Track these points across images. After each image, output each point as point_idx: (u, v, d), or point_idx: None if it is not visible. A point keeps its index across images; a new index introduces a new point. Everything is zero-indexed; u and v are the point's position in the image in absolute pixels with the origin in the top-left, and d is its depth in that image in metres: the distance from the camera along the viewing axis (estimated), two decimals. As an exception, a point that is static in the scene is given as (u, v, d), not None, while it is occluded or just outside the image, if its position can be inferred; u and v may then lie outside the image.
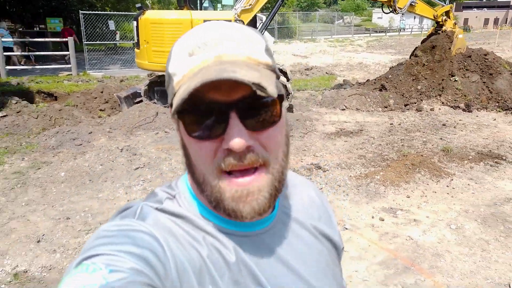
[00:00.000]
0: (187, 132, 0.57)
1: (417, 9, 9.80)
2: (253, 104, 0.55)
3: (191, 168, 0.61)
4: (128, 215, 0.62)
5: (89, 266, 0.50)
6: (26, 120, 6.81)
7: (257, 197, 0.57)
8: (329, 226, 0.79)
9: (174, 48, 0.61)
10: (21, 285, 3.03)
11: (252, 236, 0.65)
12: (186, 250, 0.59)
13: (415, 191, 4.71)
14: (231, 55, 0.56)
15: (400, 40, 29.29)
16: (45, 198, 4.40)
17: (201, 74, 0.53)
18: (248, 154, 0.56)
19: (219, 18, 7.54)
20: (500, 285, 3.06)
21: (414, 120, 7.82)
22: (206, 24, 0.60)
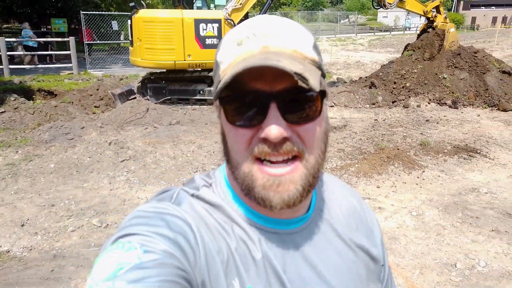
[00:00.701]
0: (227, 118, 0.58)
1: (406, 5, 9.94)
2: (294, 97, 0.56)
3: (227, 154, 0.62)
4: (165, 199, 0.64)
5: (125, 245, 0.52)
6: (23, 116, 7.13)
7: (289, 188, 0.57)
8: (368, 238, 0.76)
9: (224, 37, 0.62)
10: (3, 263, 3.31)
11: (282, 234, 0.65)
12: (216, 240, 0.60)
13: (386, 181, 4.91)
14: (277, 46, 0.57)
15: (403, 39, 29.25)
16: (33, 187, 4.68)
17: (245, 61, 0.54)
18: (284, 144, 0.56)
19: (208, 17, 7.80)
20: (447, 265, 3.26)
21: (399, 116, 8.00)
22: (259, 17, 0.61)
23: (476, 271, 3.18)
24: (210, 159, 5.51)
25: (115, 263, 0.50)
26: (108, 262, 0.50)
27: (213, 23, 7.65)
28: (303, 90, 0.54)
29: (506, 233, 3.71)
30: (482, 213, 4.11)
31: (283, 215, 0.65)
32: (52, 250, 3.48)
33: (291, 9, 41.13)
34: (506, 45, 19.77)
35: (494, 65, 9.47)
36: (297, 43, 0.58)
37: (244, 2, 8.08)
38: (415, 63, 9.67)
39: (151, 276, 0.49)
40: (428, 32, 10.12)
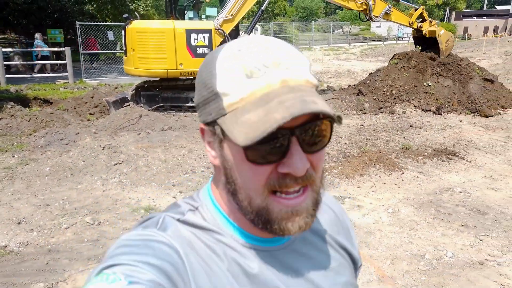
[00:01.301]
0: (247, 157, 0.56)
1: (392, 17, 10.32)
2: (313, 129, 0.56)
3: (235, 190, 0.60)
4: (150, 225, 0.62)
5: (109, 276, 0.50)
6: (19, 123, 7.35)
7: (305, 215, 0.58)
8: (348, 240, 0.79)
9: (219, 62, 0.58)
10: (0, 256, 3.51)
11: (274, 251, 0.66)
12: (206, 264, 0.60)
13: (367, 182, 5.16)
14: (294, 80, 0.56)
15: (395, 49, 29.79)
16: (29, 189, 4.89)
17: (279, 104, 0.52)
18: (304, 176, 0.57)
19: (199, 27, 8.10)
20: (416, 256, 3.50)
21: (384, 122, 8.29)
22: (253, 40, 0.59)
23: (443, 261, 3.42)
24: (200, 162, 5.74)
25: None
26: None
27: (204, 33, 7.96)
28: (318, 119, 0.55)
29: (474, 227, 3.97)
30: (454, 210, 4.36)
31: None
32: (47, 245, 3.68)
33: (285, 19, 41.75)
34: (494, 54, 20.27)
35: (477, 73, 9.83)
36: (305, 72, 0.58)
37: (235, 13, 8.40)
38: (401, 71, 10.01)
39: None
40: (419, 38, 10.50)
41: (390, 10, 10.16)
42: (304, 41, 34.73)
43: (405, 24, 10.63)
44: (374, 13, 9.93)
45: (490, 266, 3.33)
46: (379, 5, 10.05)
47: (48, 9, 23.23)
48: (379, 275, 3.24)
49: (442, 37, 10.28)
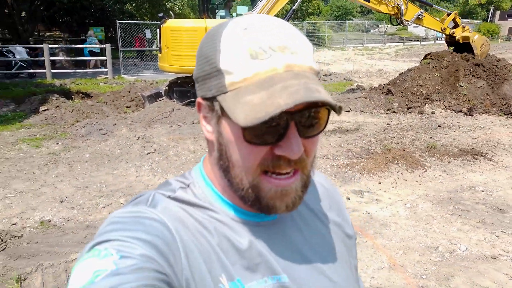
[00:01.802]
0: (244, 137, 0.57)
1: (424, 22, 10.18)
2: (311, 115, 0.57)
3: (228, 166, 0.61)
4: (141, 202, 0.63)
5: (101, 252, 0.51)
6: (63, 113, 7.94)
7: (293, 196, 0.60)
8: (340, 215, 0.80)
9: (224, 39, 0.58)
10: (45, 229, 3.93)
11: (265, 225, 0.67)
12: (196, 239, 0.60)
13: (388, 178, 5.26)
14: (299, 65, 0.56)
15: (431, 49, 29.04)
16: (71, 173, 5.35)
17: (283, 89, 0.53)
18: (297, 159, 0.58)
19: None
20: (430, 248, 3.61)
21: (412, 121, 8.26)
22: (259, 19, 0.59)
23: (456, 254, 3.51)
24: (227, 154, 6.03)
25: (92, 271, 0.49)
26: (85, 270, 0.50)
27: None
28: (317, 106, 0.56)
29: (491, 224, 4.01)
30: (473, 207, 4.40)
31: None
32: (85, 221, 4.08)
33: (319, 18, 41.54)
34: (537, 56, 19.38)
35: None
36: (309, 57, 0.59)
37: (266, 12, 8.63)
38: (433, 71, 9.89)
39: (129, 281, 0.49)
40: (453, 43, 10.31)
41: (422, 15, 10.04)
42: (338, 40, 34.46)
43: (437, 30, 10.46)
44: (406, 18, 9.83)
45: (502, 261, 3.39)
46: (411, 9, 9.94)
47: (90, 8, 24.40)
48: (391, 263, 3.38)
49: (476, 42, 10.03)
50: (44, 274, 3.14)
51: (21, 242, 3.65)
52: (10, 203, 4.39)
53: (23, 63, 13.92)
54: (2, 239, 3.63)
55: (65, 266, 3.24)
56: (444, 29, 10.26)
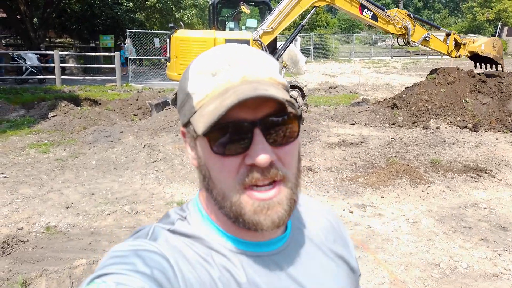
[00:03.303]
0: (212, 149, 0.58)
1: (431, 44, 10.25)
2: (276, 121, 0.58)
3: (210, 186, 0.62)
4: (141, 236, 0.64)
5: (100, 285, 0.51)
6: (71, 120, 8.06)
7: (277, 210, 0.59)
8: (346, 250, 0.79)
9: (191, 68, 0.62)
10: (51, 235, 3.99)
11: (265, 257, 0.66)
12: (196, 272, 0.60)
13: (391, 193, 5.27)
14: (255, 76, 0.59)
15: (438, 64, 29.11)
16: (78, 179, 5.43)
17: (232, 93, 0.55)
18: (271, 168, 0.58)
19: (238, 38, 8.53)
20: (431, 264, 3.61)
21: (417, 136, 8.28)
22: (224, 46, 0.63)
23: (457, 271, 3.52)
24: (231, 164, 6.08)
25: None
26: None
27: (242, 43, 8.36)
28: (282, 114, 0.58)
29: (493, 242, 4.01)
30: (476, 224, 4.40)
31: (264, 237, 0.66)
32: (90, 228, 4.14)
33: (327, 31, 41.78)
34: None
35: (520, 91, 9.56)
36: (269, 70, 0.61)
37: (275, 27, 8.76)
38: (438, 87, 9.93)
39: None
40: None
41: (429, 37, 10.11)
42: (345, 53, 34.61)
43: (443, 52, 10.54)
44: (413, 39, 9.90)
45: (504, 279, 3.39)
46: (419, 31, 10.01)
47: (101, 16, 24.78)
48: (392, 279, 3.39)
49: (486, 49, 10.04)
50: (48, 279, 3.19)
51: (27, 247, 3.71)
52: (17, 207, 4.46)
53: (34, 69, 14.16)
54: (9, 243, 3.69)
55: (69, 272, 3.29)
56: (451, 51, 10.32)
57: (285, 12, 8.69)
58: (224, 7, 9.79)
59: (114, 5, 24.28)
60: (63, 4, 21.76)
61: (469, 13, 50.88)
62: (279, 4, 8.76)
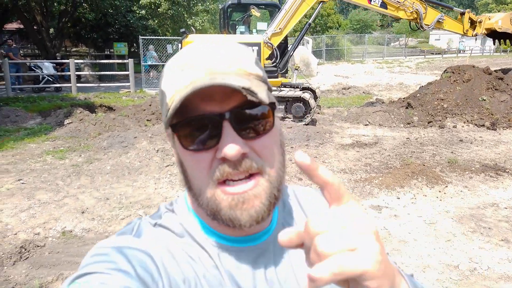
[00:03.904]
0: (182, 145, 0.58)
1: (445, 25, 10.03)
2: (246, 113, 0.56)
3: (188, 182, 0.61)
4: (126, 232, 0.63)
5: (81, 285, 0.50)
6: (86, 126, 8.19)
7: (254, 204, 0.57)
8: None
9: (166, 66, 0.62)
10: (67, 239, 4.04)
11: (248, 252, 0.65)
12: (181, 268, 0.60)
13: (407, 194, 5.18)
14: (221, 67, 0.57)
15: (453, 62, 28.63)
16: (93, 184, 5.49)
17: (192, 84, 0.54)
18: (243, 161, 0.56)
19: (249, 41, 8.54)
20: (449, 266, 3.52)
21: (432, 136, 8.13)
22: (197, 42, 0.62)
23: (477, 273, 3.41)
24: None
25: None
26: None
27: (253, 46, 8.39)
28: (253, 105, 0.56)
29: (515, 242, 3.88)
30: (496, 225, 4.28)
31: (246, 231, 0.63)
32: (105, 232, 4.17)
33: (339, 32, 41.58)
34: None
35: (539, 88, 9.32)
36: (239, 61, 0.59)
37: (283, 27, 8.75)
38: (454, 85, 9.74)
39: None
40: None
41: (442, 19, 9.89)
42: (357, 54, 34.38)
43: (459, 32, 10.28)
44: (425, 22, 9.70)
45: (526, 281, 3.27)
46: (431, 13, 9.80)
47: (115, 25, 25.21)
48: (409, 281, 3.31)
49: (504, 25, 9.73)
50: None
51: (44, 252, 3.76)
52: (34, 213, 4.53)
53: (50, 77, 14.47)
54: (26, 248, 3.75)
55: (84, 276, 3.32)
56: (467, 31, 10.07)
57: (292, 11, 8.66)
58: (234, 11, 9.84)
59: (127, 13, 24.66)
60: (78, 14, 22.21)
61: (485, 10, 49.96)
62: (285, 4, 8.75)
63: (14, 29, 28.18)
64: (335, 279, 0.38)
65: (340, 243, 0.39)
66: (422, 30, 10.09)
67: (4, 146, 7.24)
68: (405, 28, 57.44)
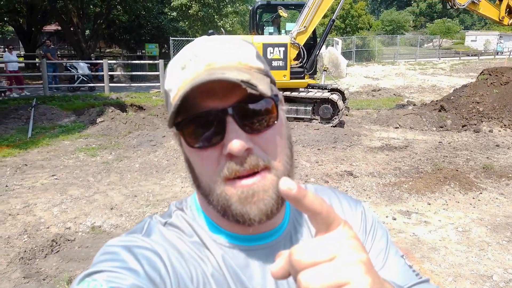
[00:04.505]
0: (188, 143, 0.58)
1: (480, 8, 9.51)
2: (249, 107, 0.56)
3: (197, 181, 0.61)
4: (136, 231, 0.64)
5: (90, 283, 0.51)
6: (117, 125, 8.41)
7: (263, 197, 0.57)
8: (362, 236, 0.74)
9: (168, 66, 0.62)
10: (96, 234, 4.15)
11: (258, 250, 0.64)
12: (189, 267, 0.60)
13: (438, 200, 4.99)
14: (221, 62, 0.57)
15: (490, 64, 27.50)
16: (122, 181, 5.63)
17: (192, 82, 0.54)
18: (249, 157, 0.55)
19: (276, 41, 8.52)
20: (483, 276, 3.36)
21: (467, 140, 7.82)
22: (198, 39, 0.62)
23: (513, 285, 3.24)
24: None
25: None
26: None
27: (279, 47, 8.37)
28: (256, 99, 0.55)
29: (555, 254, 3.66)
30: (535, 235, 4.05)
31: (256, 230, 0.62)
32: (132, 229, 4.25)
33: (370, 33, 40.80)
34: None
35: None
36: (239, 55, 0.59)
37: (307, 25, 8.66)
38: (491, 88, 9.34)
39: None
40: None
41: (479, 0, 9.40)
42: (388, 55, 33.60)
43: (493, 18, 9.73)
44: (459, 0, 9.25)
45: None
46: None
47: (147, 26, 25.83)
48: (438, 290, 3.19)
49: None
50: (92, 277, 3.31)
51: (73, 246, 3.88)
52: (66, 208, 4.69)
53: (85, 77, 14.97)
54: (57, 241, 3.87)
55: (111, 271, 3.39)
56: (502, 18, 9.54)
57: (315, 7, 8.55)
58: (264, 12, 9.84)
59: (159, 14, 25.21)
60: (112, 16, 22.90)
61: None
62: (308, 1, 8.64)
63: (52, 30, 29.41)
64: None
65: (326, 280, 0.36)
66: (454, 9, 9.57)
67: (40, 143, 7.55)
68: (440, 29, 55.75)
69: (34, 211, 4.57)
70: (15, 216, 4.41)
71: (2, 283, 3.24)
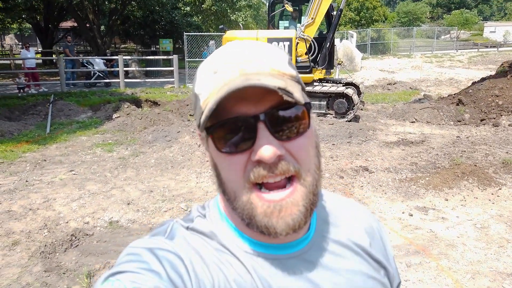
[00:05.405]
0: (217, 147, 0.57)
1: None
2: (281, 114, 0.55)
3: (222, 186, 0.61)
4: (159, 233, 0.64)
5: (114, 283, 0.52)
6: (133, 120, 8.51)
7: (292, 211, 0.56)
8: (383, 255, 0.74)
9: (199, 69, 0.62)
10: (113, 229, 4.22)
11: (283, 260, 0.63)
12: (211, 272, 0.59)
13: (456, 195, 4.91)
14: (255, 68, 0.56)
15: (510, 56, 26.80)
16: (138, 177, 5.70)
17: (227, 86, 0.54)
18: (279, 163, 0.55)
19: (281, 36, 8.51)
20: (502, 274, 3.30)
21: (485, 134, 7.66)
22: (230, 43, 0.61)
23: (533, 283, 3.18)
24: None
25: None
26: None
27: (284, 41, 8.34)
28: (288, 106, 0.55)
29: None
30: (557, 232, 3.96)
31: (282, 239, 0.61)
32: (149, 224, 4.32)
33: (385, 25, 40.13)
34: None
35: None
36: (272, 62, 0.58)
37: (315, 16, 8.58)
38: (510, 80, 9.11)
39: None
40: None
41: None
42: (404, 48, 33.04)
43: None
44: None
45: None
46: None
47: (161, 21, 25.95)
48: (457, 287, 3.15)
49: None
50: (110, 271, 3.37)
51: (92, 240, 3.96)
52: (84, 203, 4.78)
53: (101, 73, 15.16)
54: (76, 236, 3.96)
55: (129, 265, 3.45)
56: None
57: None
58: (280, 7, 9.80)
59: (173, 10, 25.28)
60: (127, 12, 23.07)
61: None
62: None
63: (68, 27, 29.84)
64: None
65: None
66: None
67: (59, 138, 7.69)
68: (457, 20, 54.47)
69: (53, 206, 4.67)
70: (36, 211, 4.51)
71: (24, 276, 3.33)
